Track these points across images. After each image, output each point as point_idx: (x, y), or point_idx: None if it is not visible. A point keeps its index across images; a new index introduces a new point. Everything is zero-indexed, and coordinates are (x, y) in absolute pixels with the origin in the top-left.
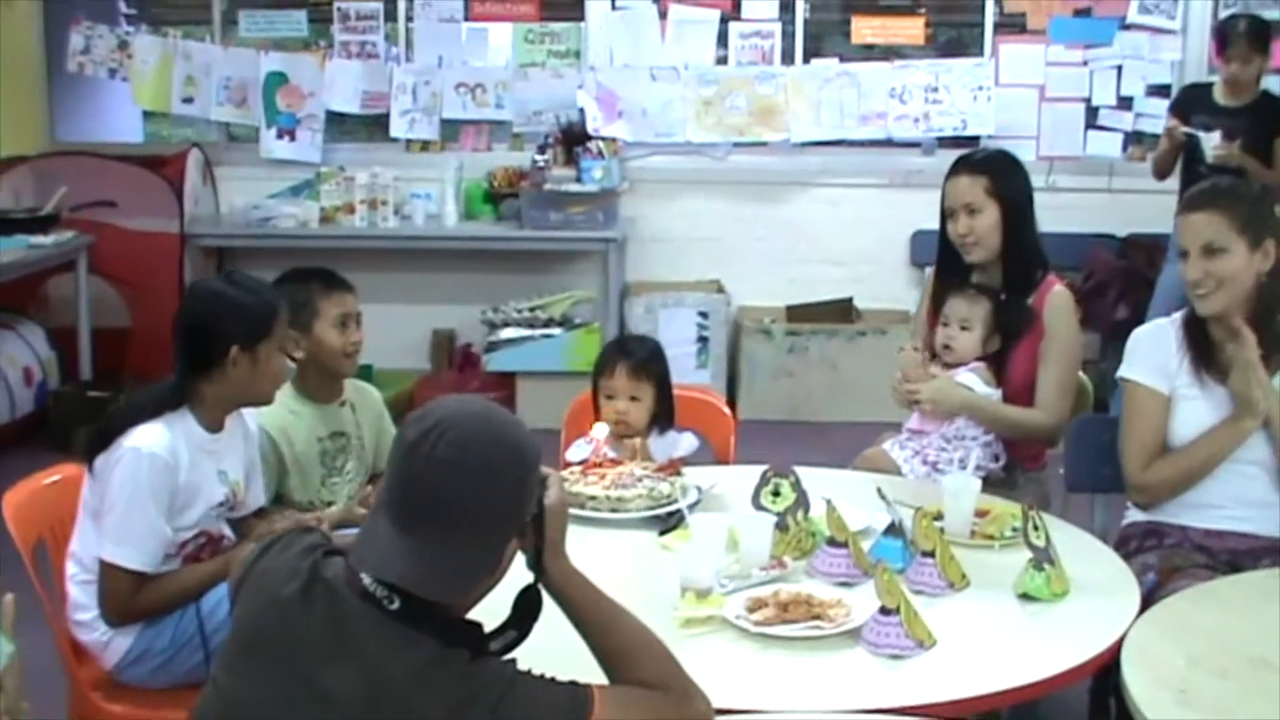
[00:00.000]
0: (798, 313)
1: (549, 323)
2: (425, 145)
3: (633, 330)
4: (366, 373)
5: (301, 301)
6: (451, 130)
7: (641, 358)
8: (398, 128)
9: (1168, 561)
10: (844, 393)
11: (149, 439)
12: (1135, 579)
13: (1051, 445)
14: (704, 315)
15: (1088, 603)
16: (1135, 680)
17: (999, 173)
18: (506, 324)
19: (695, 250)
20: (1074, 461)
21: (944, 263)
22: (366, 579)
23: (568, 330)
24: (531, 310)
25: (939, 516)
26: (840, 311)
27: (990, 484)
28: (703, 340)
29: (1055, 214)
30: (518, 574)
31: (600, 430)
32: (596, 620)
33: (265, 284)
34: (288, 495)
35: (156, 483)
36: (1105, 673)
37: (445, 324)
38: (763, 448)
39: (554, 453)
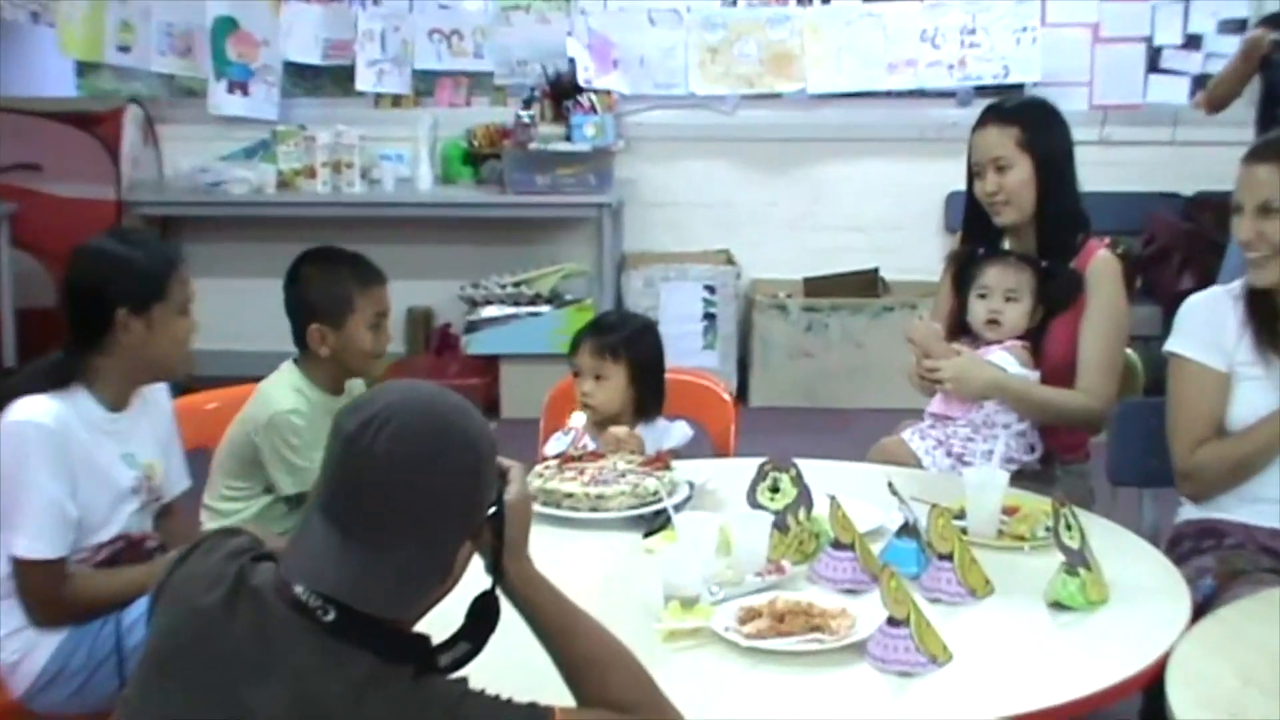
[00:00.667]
0: (817, 286)
1: (536, 299)
2: (396, 100)
3: (631, 307)
4: None
5: (336, 294)
6: (425, 83)
7: (611, 334)
8: (364, 80)
9: (1227, 565)
10: (869, 375)
11: (31, 410)
12: (1187, 585)
13: (1095, 432)
14: (711, 290)
15: (1130, 612)
16: (1180, 700)
17: (1032, 122)
18: (488, 301)
19: (700, 217)
20: (1119, 451)
21: (971, 226)
22: (299, 588)
23: (557, 308)
24: (516, 286)
25: (961, 515)
26: (865, 284)
27: (1025, 477)
28: (709, 318)
29: (1111, 171)
30: (474, 579)
31: (578, 419)
32: (561, 631)
33: (158, 238)
34: (276, 487)
35: (49, 455)
36: (1154, 693)
37: (420, 302)
38: (777, 438)
39: (535, 445)
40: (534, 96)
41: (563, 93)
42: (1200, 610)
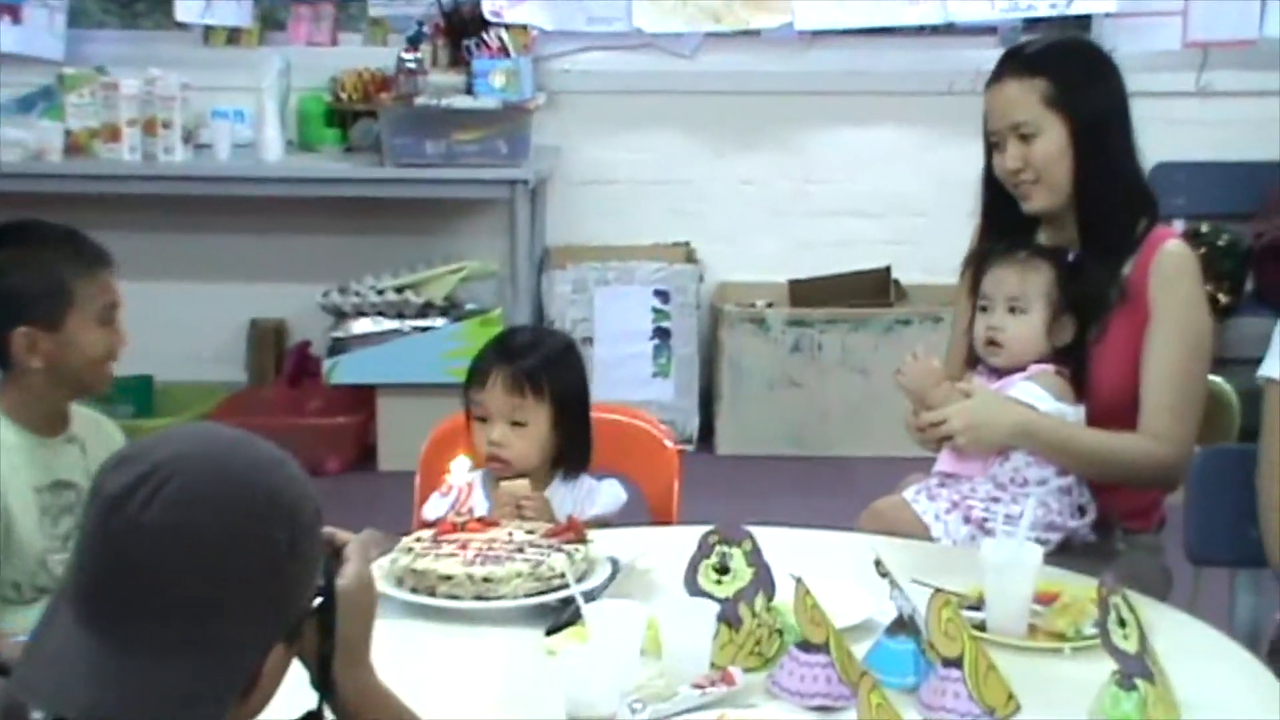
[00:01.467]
0: (808, 292)
1: (425, 310)
2: (232, 36)
3: (555, 319)
4: (144, 389)
5: (48, 284)
6: (274, 12)
7: (530, 357)
8: (187, 9)
9: None
10: (876, 413)
11: None
12: None
13: (1168, 489)
14: (664, 297)
15: None
16: None
17: (1063, 72)
18: (361, 313)
19: (651, 198)
20: (1202, 516)
21: (992, 216)
22: (37, 715)
23: (454, 321)
24: (399, 292)
25: (978, 604)
26: (873, 288)
27: (1074, 552)
28: (662, 335)
29: (1211, 133)
30: (297, 691)
31: (460, 470)
32: None
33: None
34: None
35: None
36: None
37: (269, 312)
38: (751, 499)
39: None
40: (422, 33)
41: (461, 28)
42: None
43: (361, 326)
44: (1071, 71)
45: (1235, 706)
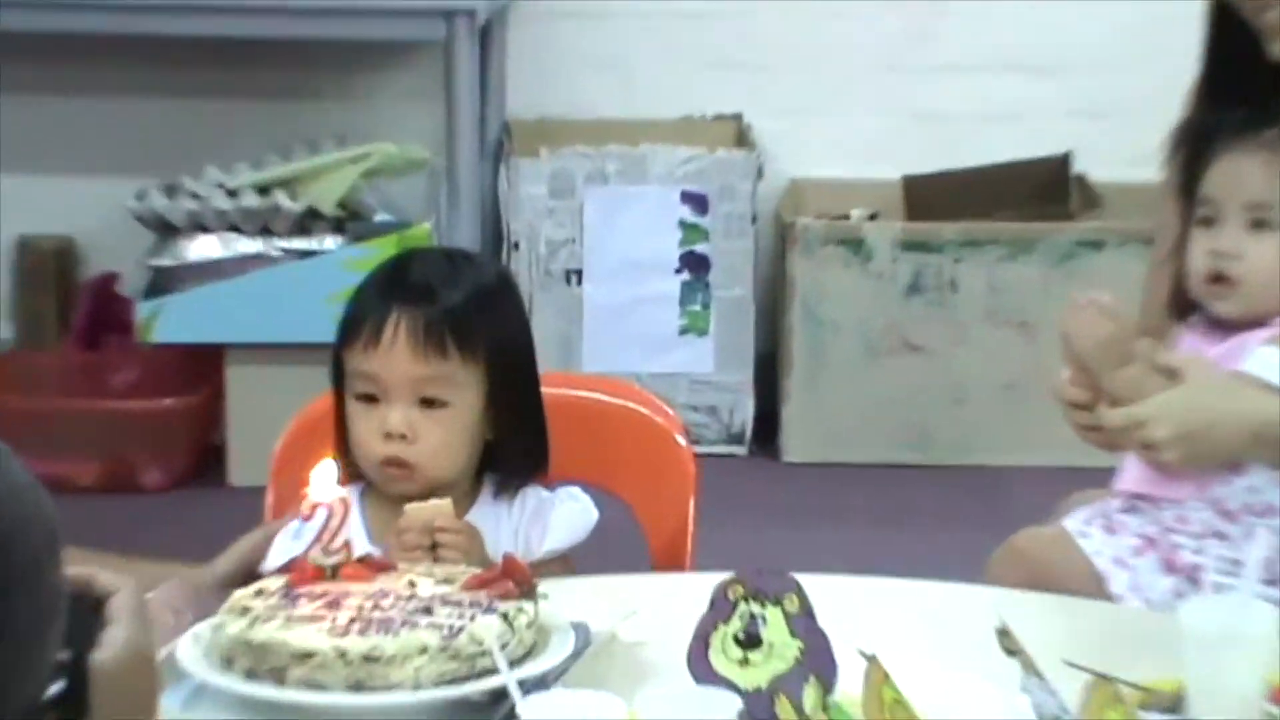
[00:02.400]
0: (933, 195)
1: (307, 223)
2: None
3: (521, 241)
4: None
5: None
6: None
7: (453, 300)
8: None
9: None
10: (1049, 395)
11: None
12: None
13: None
14: (697, 202)
15: None
16: None
17: None
18: (200, 226)
19: (677, 40)
20: None
21: (1218, 77)
22: None
23: (353, 241)
24: (262, 192)
25: (1172, 705)
26: (1039, 189)
27: None
28: (695, 266)
29: None
30: None
31: (325, 482)
32: None
33: None
34: None
35: None
36: None
37: (52, 226)
38: (830, 533)
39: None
40: None
41: None
42: None
43: (201, 249)
44: None
45: None
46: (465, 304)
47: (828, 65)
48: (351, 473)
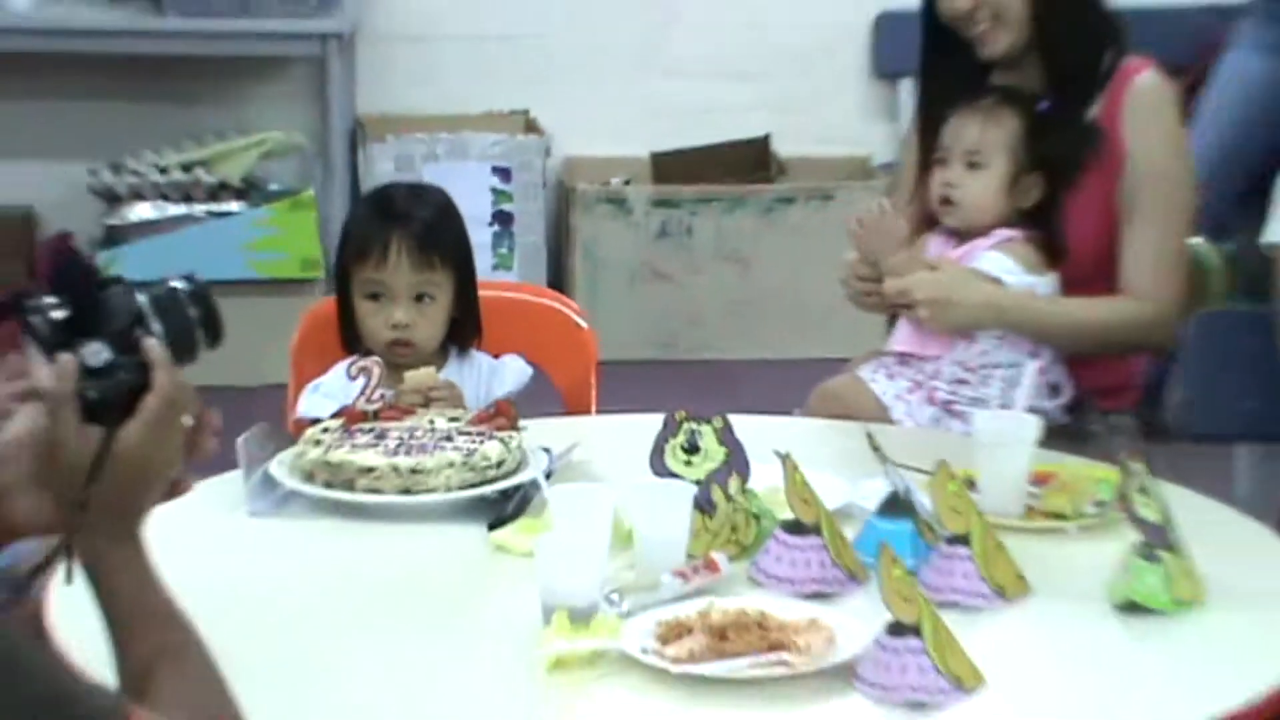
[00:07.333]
0: (674, 166)
1: (220, 192)
2: None
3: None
4: None
5: None
6: None
7: (429, 221)
8: None
9: None
10: (760, 309)
11: None
12: None
13: (1160, 353)
14: (503, 174)
15: (1239, 618)
16: None
17: None
18: (139, 195)
19: (485, 56)
20: (1198, 388)
21: (935, 61)
22: None
23: (255, 205)
24: (187, 170)
25: (970, 484)
26: (748, 160)
27: (1044, 435)
28: (502, 220)
29: None
30: None
31: (340, 371)
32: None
33: None
34: None
35: None
36: None
37: (17, 198)
38: (611, 411)
39: (242, 420)
40: None
41: None
42: None
43: (141, 213)
44: None
45: (1256, 579)
46: (438, 225)
47: (592, 71)
48: (362, 350)
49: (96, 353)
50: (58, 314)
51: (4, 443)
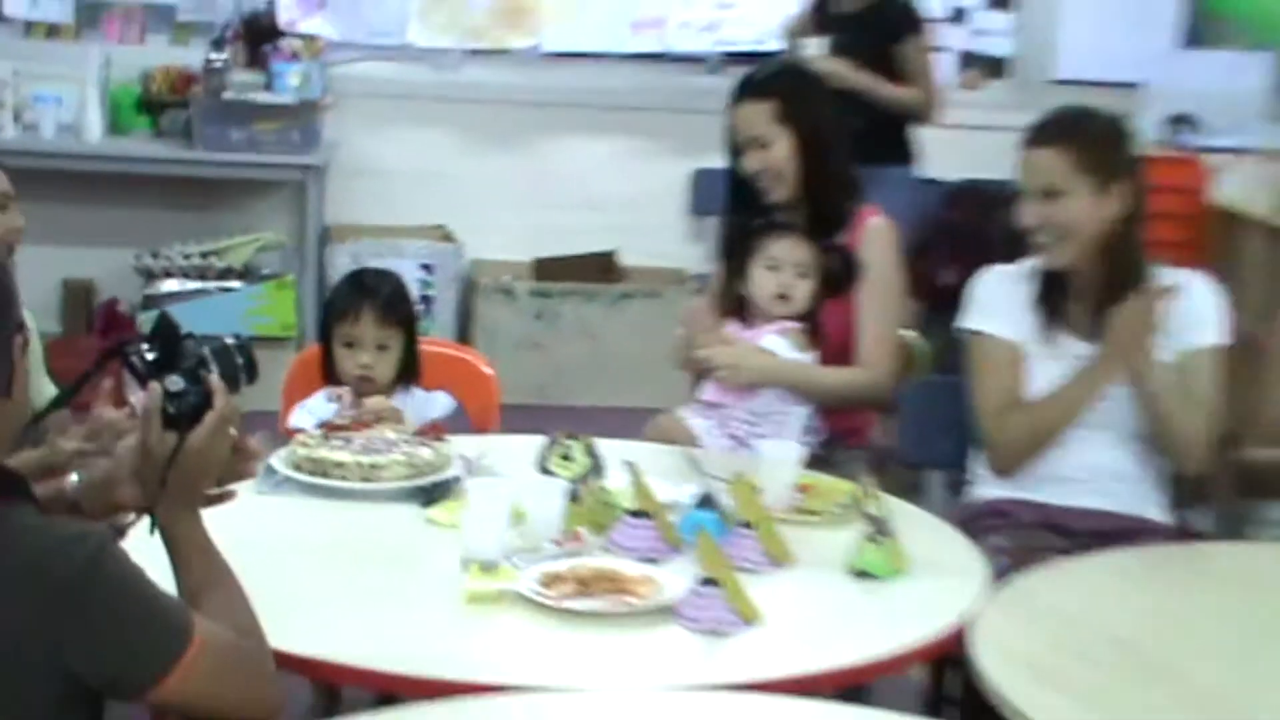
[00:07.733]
0: (548, 268)
1: (227, 273)
2: (52, 30)
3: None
4: None
5: None
6: (90, 12)
7: (388, 296)
8: (15, 5)
9: (1022, 543)
10: (606, 369)
11: None
12: (985, 559)
13: (882, 408)
14: (427, 269)
15: (931, 582)
16: (989, 662)
17: (789, 93)
18: (169, 274)
19: (417, 187)
20: (912, 432)
21: (738, 203)
22: None
23: (251, 284)
24: (204, 257)
25: (755, 489)
26: (600, 268)
27: (806, 460)
28: (425, 301)
29: None
30: None
31: (320, 400)
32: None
33: None
34: None
35: None
36: (946, 663)
37: (81, 273)
38: (509, 430)
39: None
40: (225, 37)
41: (260, 35)
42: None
43: (170, 286)
44: (795, 92)
45: (942, 557)
46: (394, 297)
47: (493, 200)
48: (337, 382)
49: (174, 383)
50: (149, 355)
51: (124, 449)
